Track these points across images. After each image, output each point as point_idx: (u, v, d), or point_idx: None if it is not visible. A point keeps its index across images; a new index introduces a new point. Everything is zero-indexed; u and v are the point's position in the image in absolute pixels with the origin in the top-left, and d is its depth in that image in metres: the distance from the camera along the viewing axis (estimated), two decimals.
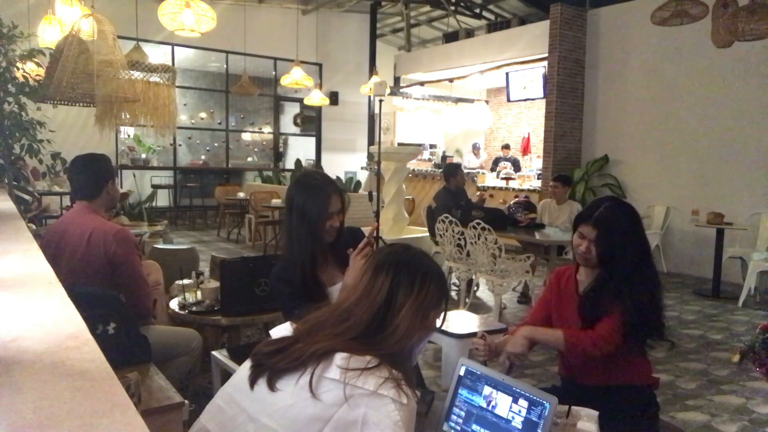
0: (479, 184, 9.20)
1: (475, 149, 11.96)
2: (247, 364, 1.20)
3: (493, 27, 10.48)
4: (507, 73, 10.23)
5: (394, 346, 1.16)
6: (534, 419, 1.35)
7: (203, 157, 11.88)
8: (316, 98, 9.44)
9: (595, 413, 1.51)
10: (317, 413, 1.04)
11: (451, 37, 11.13)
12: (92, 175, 2.55)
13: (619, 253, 1.86)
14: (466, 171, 10.13)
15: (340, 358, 1.10)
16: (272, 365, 1.13)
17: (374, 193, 6.79)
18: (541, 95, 9.68)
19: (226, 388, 1.22)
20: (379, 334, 1.17)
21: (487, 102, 12.94)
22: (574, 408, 1.50)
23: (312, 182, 1.99)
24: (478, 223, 4.72)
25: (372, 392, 1.04)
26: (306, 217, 1.92)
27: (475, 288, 5.67)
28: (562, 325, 2.02)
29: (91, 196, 2.55)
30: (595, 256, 1.90)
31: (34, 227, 3.96)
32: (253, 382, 1.14)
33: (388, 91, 10.13)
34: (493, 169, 10.33)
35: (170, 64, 9.19)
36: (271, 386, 1.11)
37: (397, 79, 12.09)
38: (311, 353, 1.10)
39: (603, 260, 1.90)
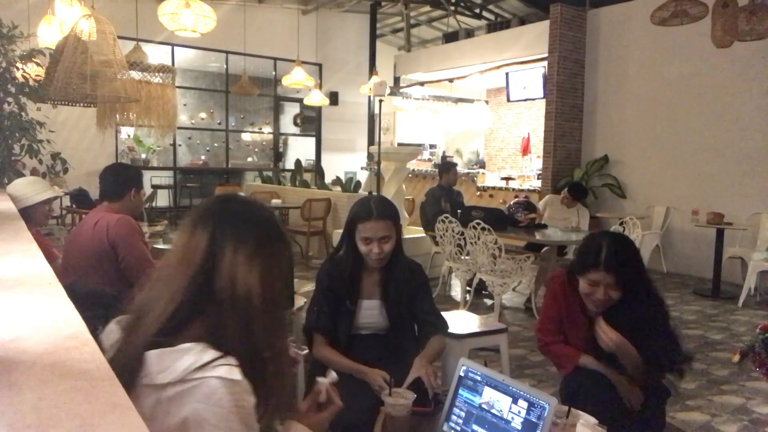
0: (479, 184, 9.19)
1: None
2: None
3: (493, 27, 10.48)
4: (507, 73, 10.23)
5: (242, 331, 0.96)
6: (534, 420, 1.35)
7: (203, 157, 11.87)
8: (316, 98, 9.43)
9: None
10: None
11: (451, 37, 11.12)
12: (117, 179, 2.72)
13: (636, 284, 1.90)
14: None
15: (153, 356, 0.92)
16: None
17: (374, 193, 6.79)
18: (542, 95, 9.69)
19: None
20: (211, 305, 0.97)
21: (487, 102, 12.93)
22: (574, 408, 1.50)
23: (365, 200, 2.08)
24: (478, 223, 4.72)
25: (188, 380, 0.87)
26: (347, 228, 2.06)
27: (475, 288, 5.65)
28: (571, 334, 2.05)
29: (113, 197, 2.68)
30: (617, 298, 1.89)
31: None
32: None
33: (388, 91, 10.13)
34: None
35: (170, 64, 9.19)
36: None
37: (397, 79, 12.07)
38: (123, 365, 0.91)
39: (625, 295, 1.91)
